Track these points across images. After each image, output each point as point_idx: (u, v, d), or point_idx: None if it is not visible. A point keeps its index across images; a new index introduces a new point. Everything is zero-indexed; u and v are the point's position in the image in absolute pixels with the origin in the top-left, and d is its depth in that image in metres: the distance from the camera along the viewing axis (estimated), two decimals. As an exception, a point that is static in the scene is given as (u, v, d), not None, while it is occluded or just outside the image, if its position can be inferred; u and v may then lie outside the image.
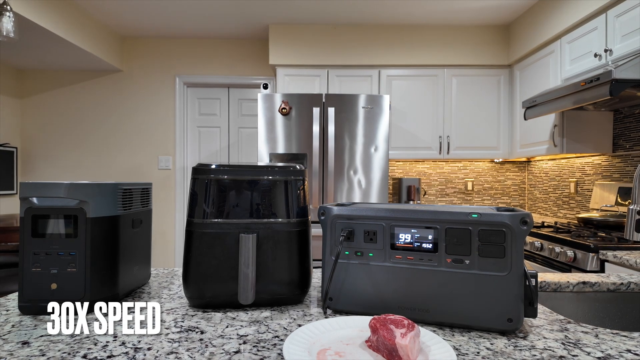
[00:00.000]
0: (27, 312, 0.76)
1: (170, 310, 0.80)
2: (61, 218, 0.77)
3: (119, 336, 0.66)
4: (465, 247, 0.70)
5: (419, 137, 3.26)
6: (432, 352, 0.58)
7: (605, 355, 0.60)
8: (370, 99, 2.70)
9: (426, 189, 3.60)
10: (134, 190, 0.90)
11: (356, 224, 0.78)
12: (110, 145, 3.77)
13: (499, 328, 0.68)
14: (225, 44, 3.76)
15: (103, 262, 0.79)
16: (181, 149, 3.78)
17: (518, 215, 0.68)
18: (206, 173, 0.81)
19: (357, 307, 0.76)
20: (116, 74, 3.75)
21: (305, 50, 3.28)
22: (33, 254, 0.76)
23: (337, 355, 0.58)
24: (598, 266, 1.73)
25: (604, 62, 2.12)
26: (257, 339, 0.66)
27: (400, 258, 0.74)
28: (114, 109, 3.77)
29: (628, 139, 2.36)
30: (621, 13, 2.03)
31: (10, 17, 2.06)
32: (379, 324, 0.59)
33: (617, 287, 1.03)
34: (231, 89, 3.84)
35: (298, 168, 0.85)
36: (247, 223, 0.80)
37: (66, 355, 0.59)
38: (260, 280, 0.80)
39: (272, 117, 2.69)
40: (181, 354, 0.60)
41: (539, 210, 3.37)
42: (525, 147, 3.00)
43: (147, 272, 0.99)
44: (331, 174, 2.67)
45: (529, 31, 2.96)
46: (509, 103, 3.26)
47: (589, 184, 2.71)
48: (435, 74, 3.27)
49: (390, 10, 3.06)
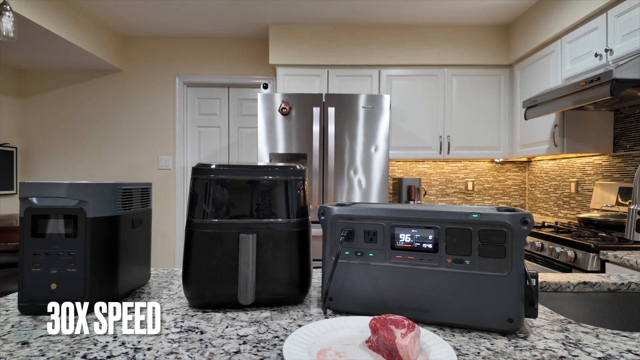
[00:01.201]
0: (26, 312, 0.76)
1: (170, 310, 0.80)
2: (61, 218, 0.77)
3: (119, 336, 0.66)
4: (465, 247, 0.70)
5: (419, 137, 3.26)
6: (433, 353, 0.58)
7: (605, 355, 0.60)
8: (370, 98, 2.70)
9: (426, 189, 3.59)
10: (134, 190, 0.90)
11: (356, 224, 0.77)
12: (110, 145, 3.77)
13: (500, 328, 0.68)
14: (225, 44, 3.75)
15: (103, 262, 0.79)
16: (181, 148, 3.77)
17: (518, 215, 0.68)
18: (206, 173, 0.81)
19: (357, 307, 0.76)
20: (116, 74, 3.75)
21: (305, 50, 3.28)
22: (33, 254, 0.76)
23: (337, 355, 0.58)
24: (598, 266, 1.73)
25: (605, 61, 2.12)
26: (257, 339, 0.66)
27: (400, 258, 0.74)
28: (114, 109, 3.77)
29: (628, 138, 2.36)
30: (621, 13, 2.03)
31: (10, 17, 2.06)
32: (379, 324, 0.59)
33: (617, 287, 1.03)
34: (231, 89, 3.84)
35: (298, 168, 0.85)
36: (247, 223, 0.80)
37: (66, 355, 0.59)
38: (260, 281, 0.80)
39: (272, 117, 2.69)
40: (181, 354, 0.60)
41: (539, 210, 3.37)
42: (526, 147, 3.00)
43: (147, 272, 0.99)
44: (331, 174, 2.67)
45: (530, 31, 2.96)
46: (509, 103, 3.26)
47: (589, 184, 2.71)
48: (435, 74, 3.27)
49: (390, 10, 3.05)
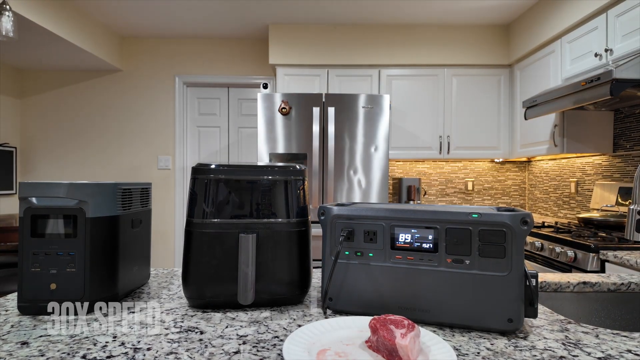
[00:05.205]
0: (26, 312, 0.76)
1: (170, 310, 0.80)
2: (60, 218, 0.77)
3: (119, 336, 0.66)
4: (465, 247, 0.70)
5: (419, 137, 3.26)
6: (432, 353, 0.58)
7: (605, 355, 0.60)
8: (370, 98, 2.70)
9: (426, 189, 3.59)
10: (134, 190, 0.90)
11: (356, 224, 0.77)
12: (110, 145, 3.77)
13: (499, 328, 0.68)
14: (225, 44, 3.75)
15: (102, 262, 0.79)
16: (181, 148, 3.77)
17: (518, 215, 0.68)
18: (206, 173, 0.81)
19: (357, 307, 0.76)
20: (116, 73, 3.75)
21: (305, 49, 3.28)
22: (32, 254, 0.76)
23: (336, 355, 0.58)
24: (598, 266, 1.73)
25: (605, 61, 2.12)
26: (257, 339, 0.66)
27: (400, 258, 0.74)
28: (114, 109, 3.76)
29: (628, 138, 2.36)
30: (621, 13, 2.03)
31: (10, 17, 2.06)
32: (379, 324, 0.59)
33: (617, 287, 1.03)
34: (231, 89, 3.84)
35: (298, 168, 0.85)
36: (246, 223, 0.80)
37: (65, 355, 0.59)
38: (260, 281, 0.80)
39: (272, 117, 2.69)
40: (181, 354, 0.59)
41: (539, 210, 3.37)
42: (526, 147, 3.00)
43: (147, 272, 0.99)
44: (331, 174, 2.66)
45: (529, 31, 2.96)
46: (509, 103, 3.26)
47: (589, 184, 2.71)
48: (435, 74, 3.27)
49: (390, 10, 3.05)
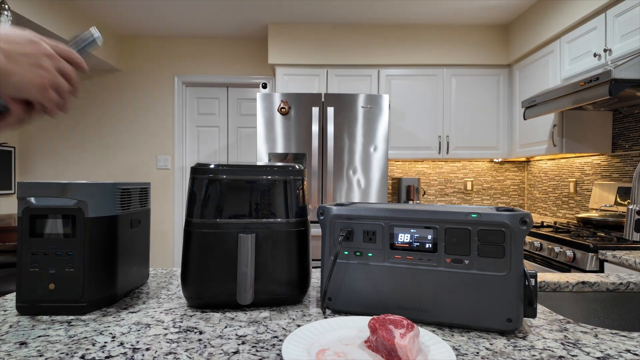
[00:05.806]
0: (25, 313, 0.76)
1: (169, 310, 0.80)
2: (59, 218, 0.77)
3: (117, 336, 0.66)
4: (464, 247, 0.70)
5: (418, 136, 3.26)
6: (432, 353, 0.58)
7: (604, 355, 0.60)
8: (369, 98, 2.70)
9: (425, 188, 3.60)
10: (133, 190, 0.90)
11: (355, 223, 0.77)
12: (109, 144, 3.76)
13: (499, 328, 0.68)
14: (224, 44, 3.75)
15: (101, 262, 0.79)
16: (180, 148, 3.77)
17: (517, 215, 0.68)
18: (205, 173, 0.81)
19: (356, 307, 0.76)
20: (115, 73, 3.75)
21: (305, 49, 3.28)
22: (31, 254, 0.76)
23: (336, 355, 0.58)
24: (597, 266, 1.73)
25: (604, 61, 2.12)
26: (256, 339, 0.65)
27: (399, 258, 0.74)
28: (113, 109, 3.76)
29: (627, 138, 2.36)
30: (620, 13, 2.03)
31: (9, 17, 2.05)
32: (378, 324, 0.59)
33: (616, 287, 1.03)
34: (230, 89, 3.84)
35: (297, 168, 0.85)
36: (246, 223, 0.80)
37: (64, 355, 0.58)
38: (259, 281, 0.80)
39: (271, 117, 2.69)
40: (180, 354, 0.59)
41: (538, 210, 3.37)
42: (525, 147, 3.00)
43: (146, 272, 0.99)
44: (330, 174, 2.66)
45: (529, 31, 2.96)
46: (508, 103, 3.26)
47: (588, 184, 2.71)
48: (434, 74, 3.27)
49: (390, 10, 3.05)
